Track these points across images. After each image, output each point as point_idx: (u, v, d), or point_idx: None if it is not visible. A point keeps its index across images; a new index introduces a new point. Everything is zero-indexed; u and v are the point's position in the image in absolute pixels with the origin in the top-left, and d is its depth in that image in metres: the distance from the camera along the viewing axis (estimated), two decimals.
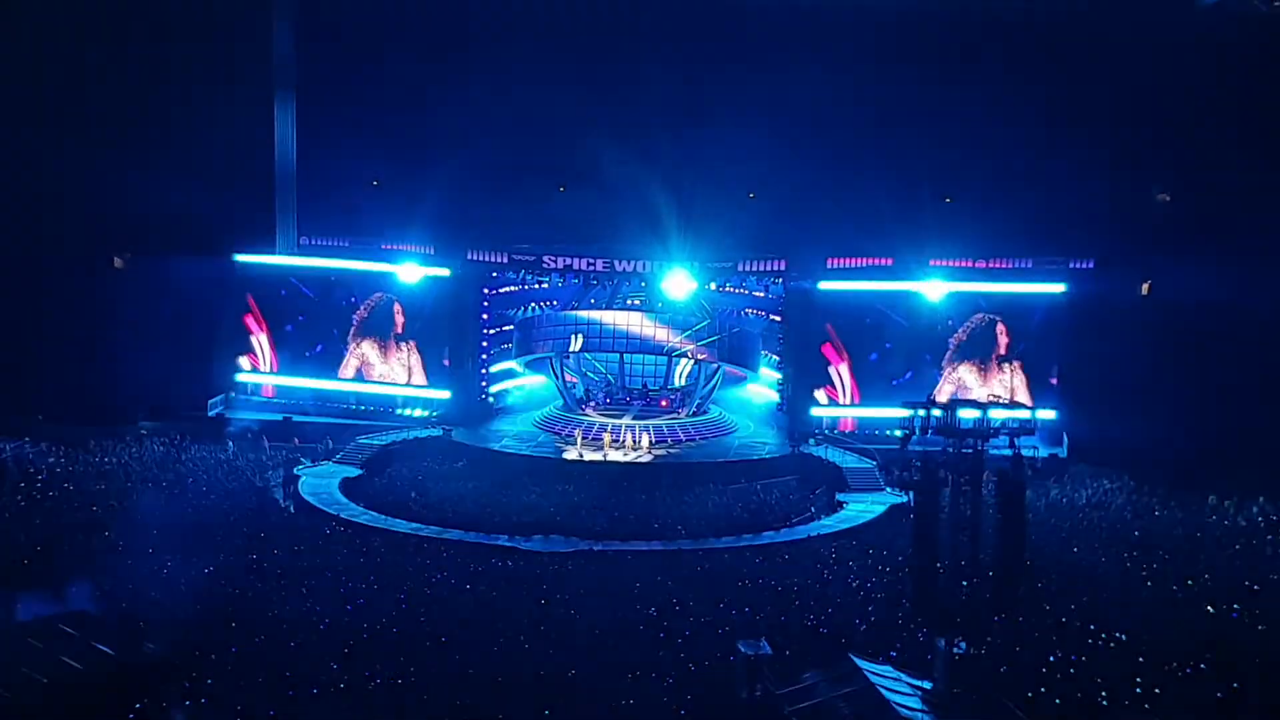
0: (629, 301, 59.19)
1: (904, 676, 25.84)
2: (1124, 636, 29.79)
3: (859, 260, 56.62)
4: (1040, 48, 55.83)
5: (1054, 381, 54.49)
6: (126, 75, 56.03)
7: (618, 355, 60.47)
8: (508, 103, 58.92)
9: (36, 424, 49.45)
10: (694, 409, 58.68)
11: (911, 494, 44.32)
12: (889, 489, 47.43)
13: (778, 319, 58.40)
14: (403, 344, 57.79)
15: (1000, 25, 56.10)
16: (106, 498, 41.35)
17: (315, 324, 58.73)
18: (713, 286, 57.65)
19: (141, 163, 55.32)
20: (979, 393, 52.50)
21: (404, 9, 59.79)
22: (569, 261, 55.81)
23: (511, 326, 60.19)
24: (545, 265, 56.05)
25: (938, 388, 53.87)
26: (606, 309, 58.50)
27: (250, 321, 58.94)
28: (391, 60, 59.74)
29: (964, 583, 28.32)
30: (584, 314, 58.39)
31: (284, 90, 60.08)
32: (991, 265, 56.12)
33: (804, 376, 55.69)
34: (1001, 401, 45.04)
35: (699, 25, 59.10)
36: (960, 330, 54.65)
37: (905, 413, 29.89)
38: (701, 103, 59.25)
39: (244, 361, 58.97)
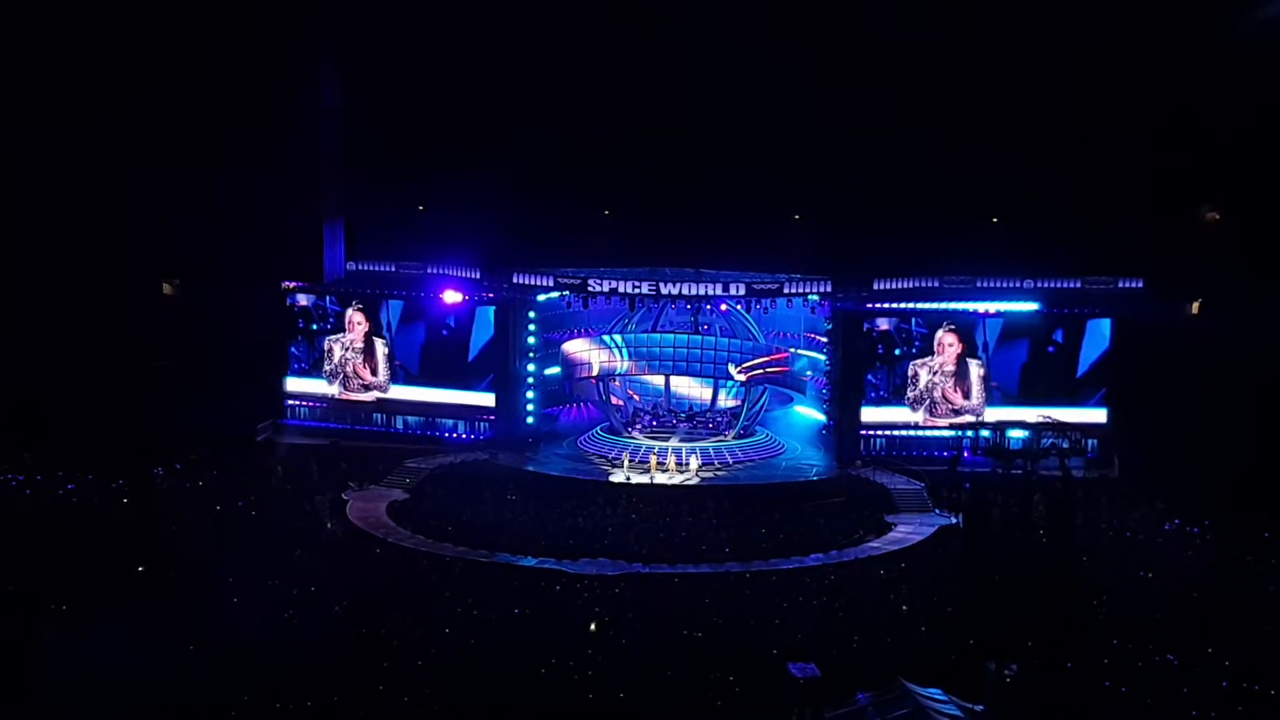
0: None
1: (955, 699, 25.56)
2: (1176, 660, 29.45)
3: (905, 280, 56.54)
4: (1088, 63, 55.39)
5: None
6: (181, 105, 56.66)
7: (663, 377, 60.63)
8: (553, 126, 59.03)
9: (83, 452, 49.70)
10: (741, 430, 58.62)
11: (961, 515, 44.37)
12: (938, 510, 47.18)
13: (824, 339, 58.07)
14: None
15: (1049, 42, 55.77)
16: (149, 524, 41.63)
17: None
18: (759, 307, 57.73)
19: (192, 189, 55.94)
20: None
21: (451, 37, 60.03)
22: (614, 284, 55.81)
23: (557, 349, 60.34)
24: (591, 288, 56.03)
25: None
26: (654, 329, 58.82)
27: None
28: (437, 84, 60.02)
29: (1014, 604, 28.08)
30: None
31: (332, 115, 60.50)
32: (1039, 285, 55.98)
33: (851, 396, 55.44)
34: (1052, 422, 44.64)
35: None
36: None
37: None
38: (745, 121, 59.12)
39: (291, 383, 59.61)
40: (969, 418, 53.30)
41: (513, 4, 58.55)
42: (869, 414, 55.28)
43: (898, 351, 55.03)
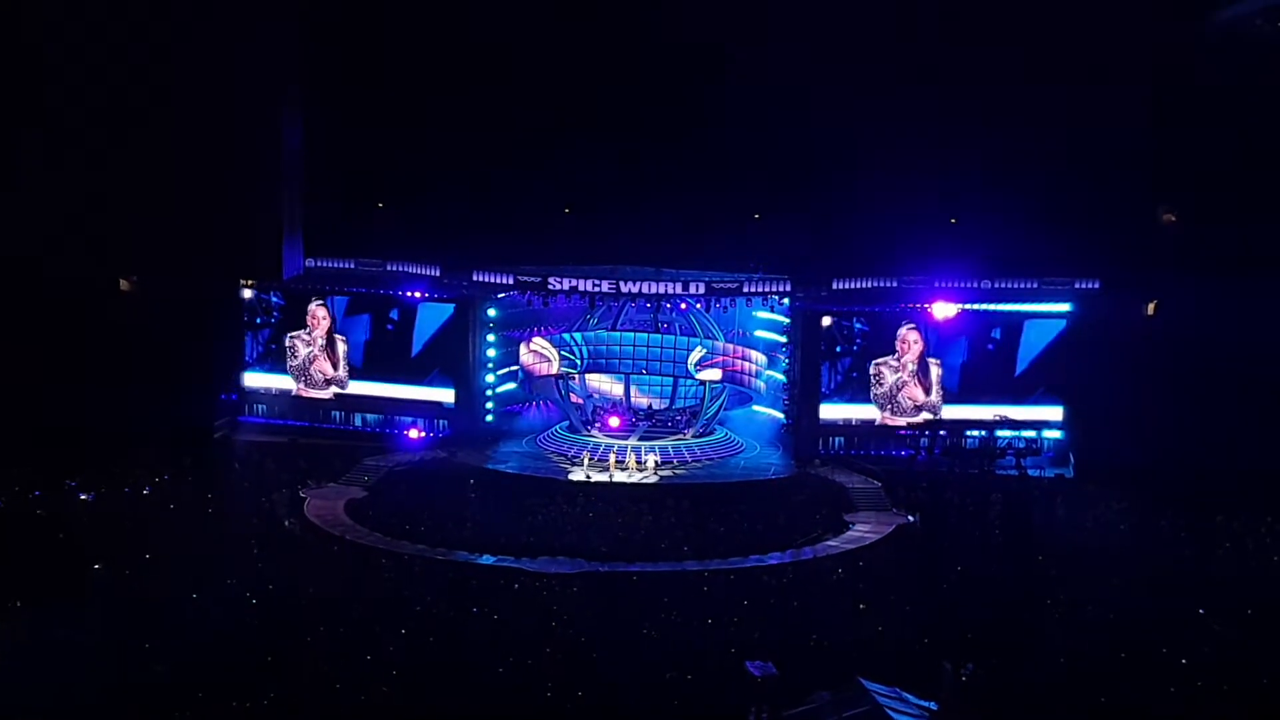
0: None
1: (911, 698, 25.71)
2: (1129, 659, 29.73)
3: (864, 280, 56.76)
4: (1047, 67, 55.71)
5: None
6: (142, 101, 56.26)
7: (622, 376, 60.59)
8: (511, 124, 58.90)
9: (40, 450, 49.23)
10: (700, 429, 58.70)
11: (918, 514, 44.71)
12: (896, 509, 47.39)
13: (783, 339, 58.31)
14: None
15: (1008, 45, 56.03)
16: (109, 522, 41.33)
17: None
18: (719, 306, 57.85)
19: (150, 185, 55.54)
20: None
21: (414, 35, 59.78)
22: (575, 283, 55.79)
23: (517, 347, 60.24)
24: (551, 286, 55.98)
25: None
26: (614, 327, 58.74)
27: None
28: (397, 81, 59.77)
29: (970, 603, 28.29)
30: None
31: (291, 113, 60.07)
32: (997, 286, 56.27)
33: (809, 395, 55.63)
34: (1009, 421, 45.09)
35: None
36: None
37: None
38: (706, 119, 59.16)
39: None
40: (926, 415, 53.68)
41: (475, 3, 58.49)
42: (827, 411, 55.51)
43: (838, 349, 55.37)
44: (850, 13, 56.51)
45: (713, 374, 58.51)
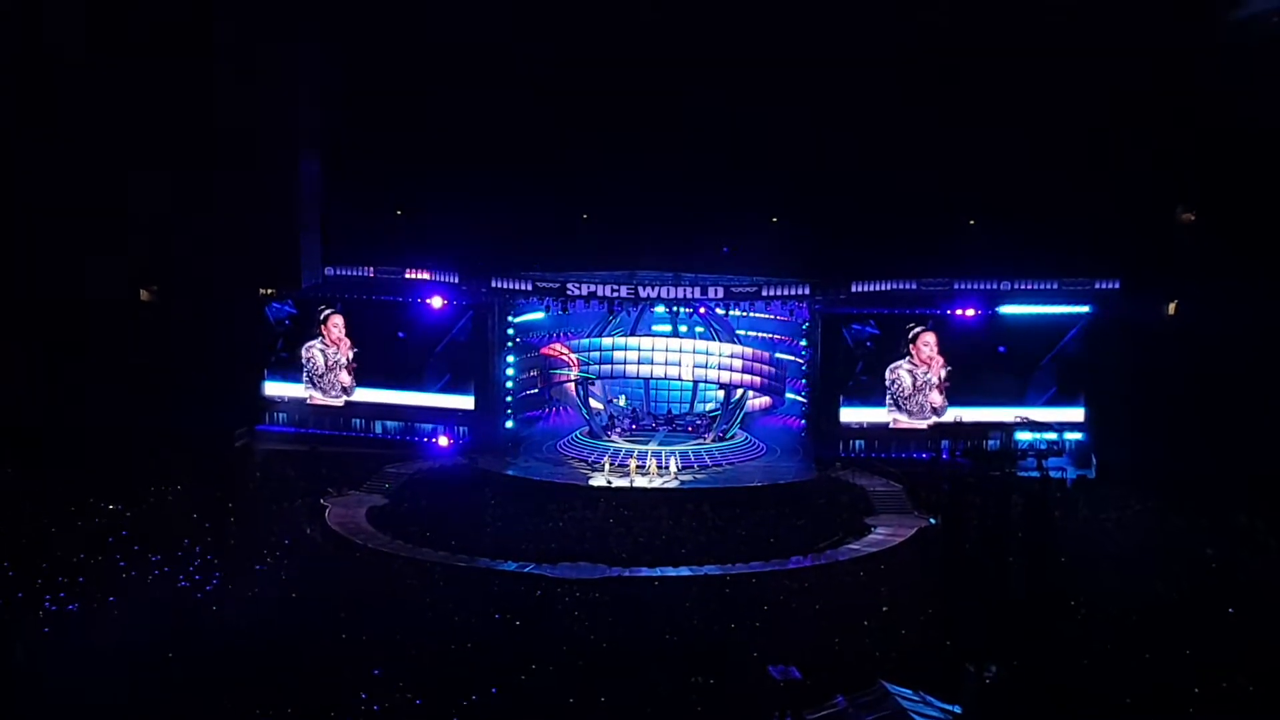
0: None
1: (934, 701, 25.65)
2: (1153, 660, 29.58)
3: (882, 283, 56.62)
4: (1064, 68, 55.58)
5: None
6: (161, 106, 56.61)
7: (641, 382, 60.51)
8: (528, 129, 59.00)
9: (63, 459, 49.47)
10: (720, 434, 58.60)
11: (939, 516, 44.46)
12: (916, 512, 47.25)
13: (802, 343, 58.23)
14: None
15: (1024, 47, 55.90)
16: (128, 527, 41.48)
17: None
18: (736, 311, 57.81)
19: (171, 194, 55.89)
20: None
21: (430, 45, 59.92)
22: (593, 288, 55.72)
23: (536, 353, 60.25)
24: (569, 293, 55.95)
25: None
26: (632, 332, 58.61)
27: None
28: (414, 89, 59.93)
29: (993, 605, 28.16)
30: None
31: (309, 123, 60.36)
32: (1016, 286, 56.02)
33: (829, 399, 55.55)
34: (1030, 422, 44.77)
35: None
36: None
37: None
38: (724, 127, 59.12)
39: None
40: (934, 418, 53.67)
41: (492, 10, 58.53)
42: (846, 414, 55.41)
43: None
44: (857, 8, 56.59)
45: (731, 378, 58.36)
